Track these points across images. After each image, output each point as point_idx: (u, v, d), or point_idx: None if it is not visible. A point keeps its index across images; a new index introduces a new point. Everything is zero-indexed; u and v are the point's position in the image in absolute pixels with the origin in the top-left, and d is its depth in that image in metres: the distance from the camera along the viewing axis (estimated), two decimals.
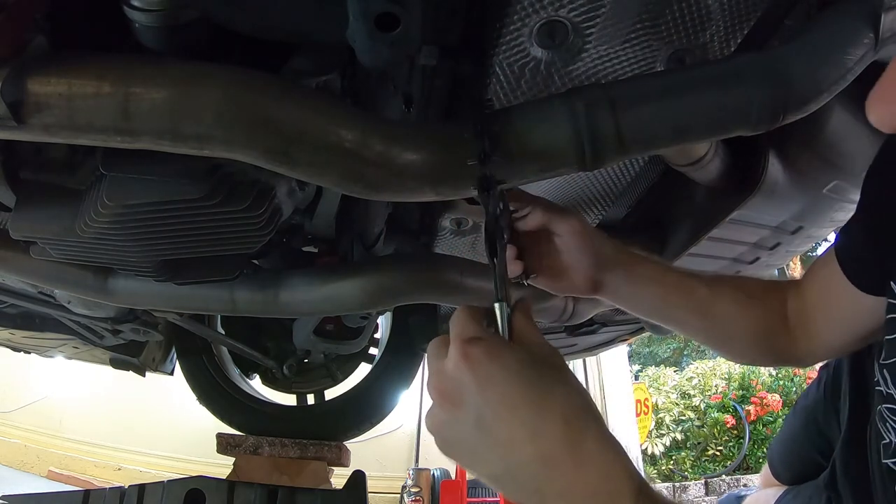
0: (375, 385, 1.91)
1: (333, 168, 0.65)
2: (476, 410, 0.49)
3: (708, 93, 0.65)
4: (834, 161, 0.91)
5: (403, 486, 5.49)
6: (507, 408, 0.48)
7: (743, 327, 0.82)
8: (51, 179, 0.84)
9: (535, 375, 0.49)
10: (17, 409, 5.56)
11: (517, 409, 0.47)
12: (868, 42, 0.67)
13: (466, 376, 0.49)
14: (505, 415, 0.48)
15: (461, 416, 0.50)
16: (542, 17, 0.68)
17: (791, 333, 0.82)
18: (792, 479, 1.09)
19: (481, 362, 0.49)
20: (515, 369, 0.49)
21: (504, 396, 0.48)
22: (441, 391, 0.52)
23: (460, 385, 0.50)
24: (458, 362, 0.50)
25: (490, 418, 0.48)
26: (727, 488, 5.18)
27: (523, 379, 0.48)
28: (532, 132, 0.66)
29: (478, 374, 0.49)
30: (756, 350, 0.85)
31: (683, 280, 0.84)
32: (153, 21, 0.66)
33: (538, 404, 0.48)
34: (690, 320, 0.85)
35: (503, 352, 0.50)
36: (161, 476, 2.84)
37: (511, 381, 0.48)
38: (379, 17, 0.60)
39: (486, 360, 0.49)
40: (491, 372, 0.49)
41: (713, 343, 0.88)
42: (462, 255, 1.15)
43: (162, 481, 1.53)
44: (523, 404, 0.48)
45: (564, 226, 0.79)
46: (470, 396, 0.49)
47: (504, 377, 0.48)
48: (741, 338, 0.83)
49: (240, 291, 1.04)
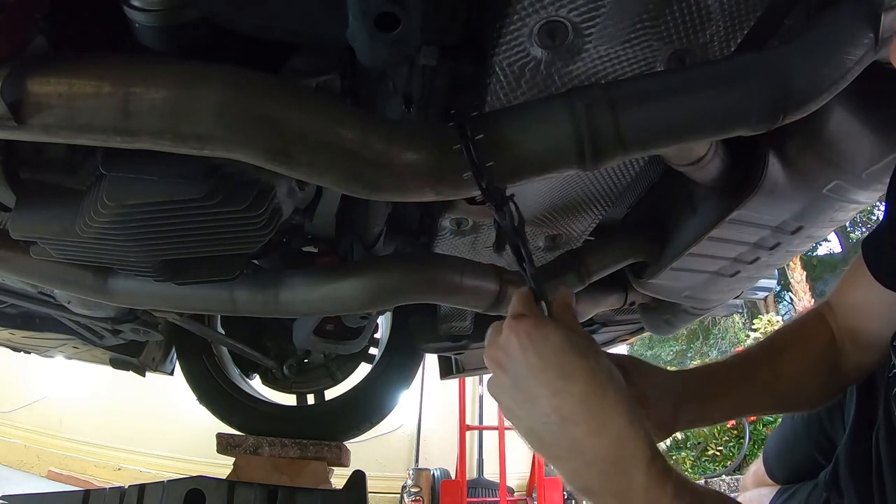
0: (375, 385, 1.91)
1: (333, 168, 0.65)
2: (515, 371, 0.57)
3: (708, 93, 0.65)
4: (834, 161, 0.91)
5: (403, 486, 5.49)
6: (539, 368, 0.55)
7: (807, 381, 0.84)
8: (51, 179, 0.84)
9: (567, 345, 0.55)
10: (17, 409, 5.56)
11: (546, 369, 0.54)
12: (868, 42, 0.67)
13: (512, 343, 0.57)
14: (536, 374, 0.55)
15: (505, 378, 0.58)
16: (542, 17, 0.68)
17: (845, 355, 0.83)
18: (787, 478, 1.09)
19: (525, 332, 0.57)
20: (552, 339, 0.56)
21: (538, 359, 0.55)
22: (492, 357, 0.60)
23: (507, 351, 0.58)
24: (508, 333, 0.58)
25: (524, 377, 0.56)
26: (727, 488, 5.17)
27: (556, 347, 0.55)
28: (532, 132, 0.66)
29: (521, 341, 0.56)
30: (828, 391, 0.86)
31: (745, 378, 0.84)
32: (153, 21, 0.66)
33: (564, 368, 0.54)
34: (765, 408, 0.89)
35: (545, 325, 0.57)
36: (161, 476, 2.84)
37: (545, 347, 0.55)
38: (379, 17, 0.60)
39: (530, 329, 0.57)
40: (531, 338, 0.56)
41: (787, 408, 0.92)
42: (462, 255, 1.15)
43: (162, 481, 1.53)
44: (551, 366, 0.54)
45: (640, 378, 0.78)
46: (512, 359, 0.57)
47: (540, 344, 0.55)
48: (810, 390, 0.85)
49: (240, 291, 1.04)
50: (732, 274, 1.23)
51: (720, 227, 1.02)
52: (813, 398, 0.87)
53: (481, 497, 5.39)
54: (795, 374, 0.83)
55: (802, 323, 0.89)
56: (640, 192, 1.20)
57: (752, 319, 9.65)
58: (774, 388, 0.83)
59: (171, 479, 1.55)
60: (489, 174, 0.64)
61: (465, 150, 0.64)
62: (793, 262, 9.34)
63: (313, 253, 1.23)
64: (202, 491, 1.49)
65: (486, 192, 0.64)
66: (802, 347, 0.85)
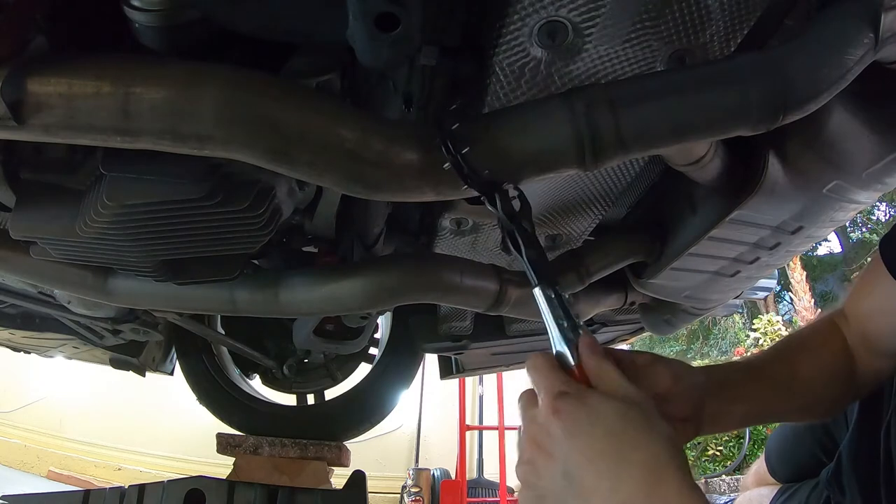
0: (375, 385, 1.91)
1: (333, 168, 0.65)
2: (563, 461, 0.51)
3: (708, 93, 0.65)
4: (834, 161, 0.91)
5: (403, 486, 5.49)
6: (590, 458, 0.49)
7: (824, 386, 0.82)
8: (51, 179, 0.84)
9: (619, 425, 0.50)
10: (17, 409, 5.56)
11: (599, 459, 0.49)
12: (868, 42, 0.67)
13: (556, 427, 0.51)
14: (588, 465, 0.49)
15: (552, 467, 0.52)
16: (542, 17, 0.68)
17: (860, 363, 0.82)
18: (788, 476, 1.09)
19: (570, 414, 0.51)
20: (601, 419, 0.50)
21: (588, 447, 0.50)
22: (535, 441, 0.54)
23: (551, 436, 0.52)
24: (549, 415, 0.52)
25: (575, 468, 0.50)
26: (727, 488, 5.17)
27: (608, 429, 0.50)
28: (531, 132, 0.66)
29: (566, 426, 0.51)
30: (844, 398, 0.85)
31: (765, 375, 0.82)
32: (153, 21, 0.66)
33: (620, 454, 0.49)
34: (782, 414, 0.86)
35: (591, 402, 0.52)
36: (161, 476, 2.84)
37: (596, 432, 0.50)
38: (379, 17, 0.60)
39: (575, 410, 0.51)
40: (578, 422, 0.51)
41: (804, 412, 0.88)
42: (462, 255, 1.15)
43: (162, 481, 1.53)
44: (605, 454, 0.49)
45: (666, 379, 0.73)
46: (559, 447, 0.51)
47: (590, 427, 0.50)
48: (828, 394, 0.83)
49: (240, 291, 1.04)
50: (732, 274, 1.23)
51: (720, 227, 1.02)
52: (829, 404, 0.85)
53: (481, 497, 5.38)
54: (812, 378, 0.82)
55: (814, 330, 0.87)
56: (640, 192, 1.20)
57: (752, 319, 9.65)
58: (793, 388, 0.82)
59: (171, 479, 1.55)
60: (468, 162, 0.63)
61: (441, 142, 0.63)
62: (793, 262, 9.33)
63: (313, 253, 1.23)
64: (202, 491, 1.49)
65: (468, 178, 0.62)
66: (818, 352, 0.83)
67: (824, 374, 0.82)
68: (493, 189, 0.63)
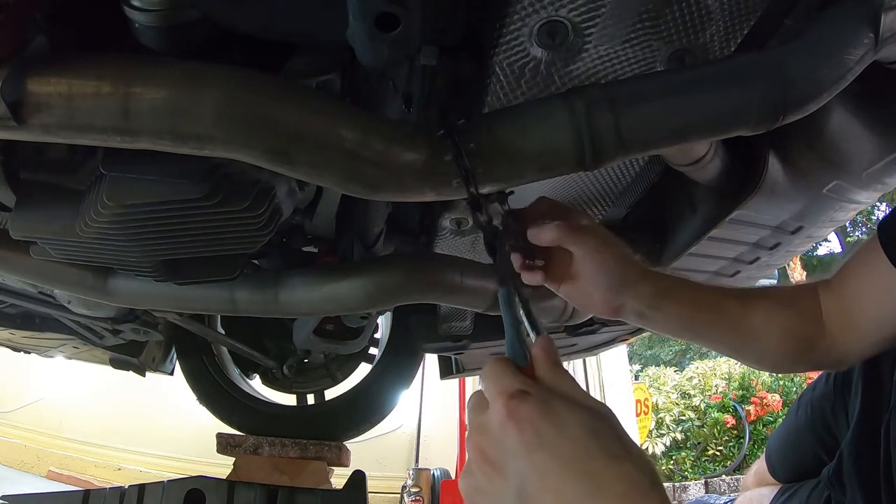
0: (375, 385, 1.91)
1: (333, 168, 0.65)
2: (519, 479, 0.41)
3: (708, 93, 0.65)
4: (834, 161, 0.91)
5: (403, 486, 5.48)
6: (558, 479, 0.40)
7: (777, 337, 0.79)
8: (51, 179, 0.84)
9: (593, 442, 0.41)
10: (17, 409, 5.56)
11: (569, 481, 0.40)
12: (868, 42, 0.67)
13: (512, 438, 0.42)
14: (553, 487, 0.40)
15: (502, 485, 0.43)
16: (542, 17, 0.68)
17: (828, 335, 0.79)
18: (789, 476, 1.09)
19: (531, 422, 0.42)
20: (571, 432, 0.41)
21: (554, 465, 0.40)
22: (483, 452, 0.45)
23: (504, 448, 0.43)
24: (505, 422, 0.43)
25: (535, 490, 0.41)
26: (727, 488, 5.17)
27: (580, 446, 0.41)
28: (532, 132, 0.66)
29: (526, 437, 0.42)
30: (792, 358, 0.81)
31: (711, 297, 0.81)
32: (153, 21, 0.66)
33: (594, 478, 0.39)
34: (723, 337, 0.82)
35: (557, 410, 0.42)
36: (161, 476, 2.84)
37: (561, 447, 0.41)
38: (379, 17, 0.60)
39: (537, 419, 0.42)
40: (539, 433, 0.41)
41: (746, 357, 0.86)
42: (462, 255, 1.15)
43: (162, 481, 1.53)
44: (577, 476, 0.40)
45: (578, 247, 0.75)
46: (515, 462, 0.42)
47: (554, 440, 0.41)
48: (776, 348, 0.80)
49: (240, 291, 1.04)
50: (732, 274, 1.23)
51: (720, 227, 1.02)
52: (771, 356, 0.82)
53: None
54: (765, 324, 0.79)
55: (793, 290, 0.85)
56: (640, 192, 1.20)
57: None
58: (737, 325, 0.79)
59: (171, 479, 1.55)
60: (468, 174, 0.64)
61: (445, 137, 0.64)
62: (793, 262, 9.33)
63: (313, 253, 1.23)
64: (202, 491, 1.49)
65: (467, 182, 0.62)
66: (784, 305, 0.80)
67: (780, 328, 0.79)
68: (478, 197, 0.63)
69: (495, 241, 0.63)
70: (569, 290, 0.79)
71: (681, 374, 8.03)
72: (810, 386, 1.04)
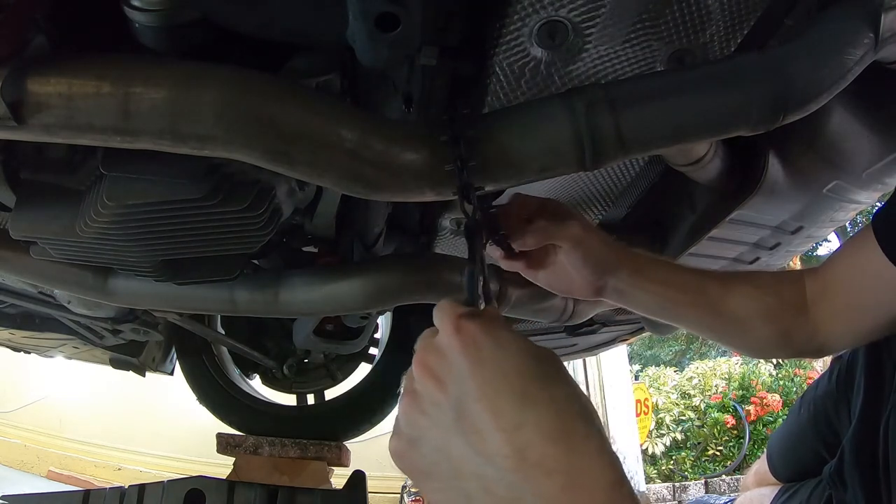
0: (375, 385, 1.90)
1: (333, 168, 0.65)
2: (457, 391, 0.42)
3: (708, 93, 0.65)
4: (834, 161, 0.91)
5: (403, 486, 5.49)
6: (495, 391, 0.41)
7: (757, 321, 0.80)
8: (51, 179, 0.84)
9: (530, 364, 0.42)
10: (17, 409, 5.56)
11: (504, 396, 0.40)
12: (868, 42, 0.67)
13: (456, 352, 0.43)
14: (489, 400, 0.41)
15: (441, 398, 0.43)
16: (542, 17, 0.68)
17: (810, 322, 0.78)
18: (790, 475, 1.09)
19: (477, 338, 0.43)
20: (513, 352, 0.42)
21: (495, 379, 0.41)
22: (427, 366, 0.45)
23: (448, 361, 0.44)
24: (451, 336, 0.43)
25: (472, 401, 0.41)
26: (727, 488, 5.18)
27: (517, 365, 0.42)
28: (531, 132, 0.66)
29: (469, 351, 0.42)
30: (773, 343, 0.82)
31: (692, 278, 0.82)
32: (153, 21, 0.66)
33: (531, 395, 0.40)
34: (702, 318, 0.83)
35: (502, 333, 0.43)
36: (161, 476, 2.84)
37: (503, 365, 0.41)
38: (379, 17, 0.60)
39: (483, 335, 0.43)
40: (486, 349, 0.42)
41: (727, 340, 0.86)
42: (462, 255, 1.15)
43: (162, 481, 1.53)
44: (513, 391, 0.40)
45: (564, 240, 0.78)
46: (455, 374, 0.43)
47: (497, 359, 0.42)
48: (756, 332, 0.81)
49: (240, 291, 1.04)
50: None
51: (720, 227, 1.02)
52: (753, 340, 0.82)
53: None
54: (745, 307, 0.79)
55: (777, 275, 0.85)
56: (640, 192, 1.20)
57: None
58: (718, 307, 0.80)
59: (171, 479, 1.55)
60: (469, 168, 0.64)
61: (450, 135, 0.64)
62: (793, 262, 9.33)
63: (313, 253, 1.23)
64: (202, 491, 1.49)
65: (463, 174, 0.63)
66: (766, 289, 0.81)
67: (760, 312, 0.80)
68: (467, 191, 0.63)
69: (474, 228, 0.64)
70: (549, 276, 0.82)
71: (681, 375, 8.04)
72: (812, 384, 1.04)
